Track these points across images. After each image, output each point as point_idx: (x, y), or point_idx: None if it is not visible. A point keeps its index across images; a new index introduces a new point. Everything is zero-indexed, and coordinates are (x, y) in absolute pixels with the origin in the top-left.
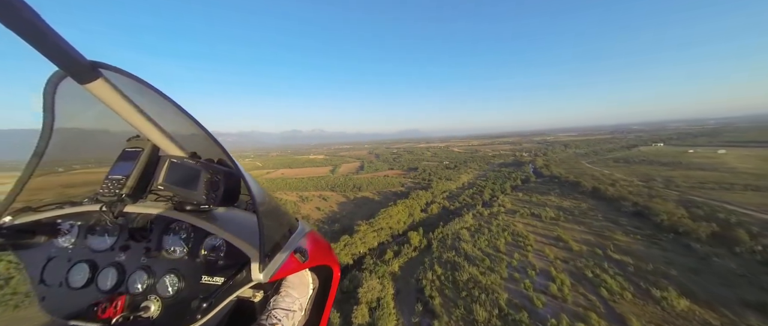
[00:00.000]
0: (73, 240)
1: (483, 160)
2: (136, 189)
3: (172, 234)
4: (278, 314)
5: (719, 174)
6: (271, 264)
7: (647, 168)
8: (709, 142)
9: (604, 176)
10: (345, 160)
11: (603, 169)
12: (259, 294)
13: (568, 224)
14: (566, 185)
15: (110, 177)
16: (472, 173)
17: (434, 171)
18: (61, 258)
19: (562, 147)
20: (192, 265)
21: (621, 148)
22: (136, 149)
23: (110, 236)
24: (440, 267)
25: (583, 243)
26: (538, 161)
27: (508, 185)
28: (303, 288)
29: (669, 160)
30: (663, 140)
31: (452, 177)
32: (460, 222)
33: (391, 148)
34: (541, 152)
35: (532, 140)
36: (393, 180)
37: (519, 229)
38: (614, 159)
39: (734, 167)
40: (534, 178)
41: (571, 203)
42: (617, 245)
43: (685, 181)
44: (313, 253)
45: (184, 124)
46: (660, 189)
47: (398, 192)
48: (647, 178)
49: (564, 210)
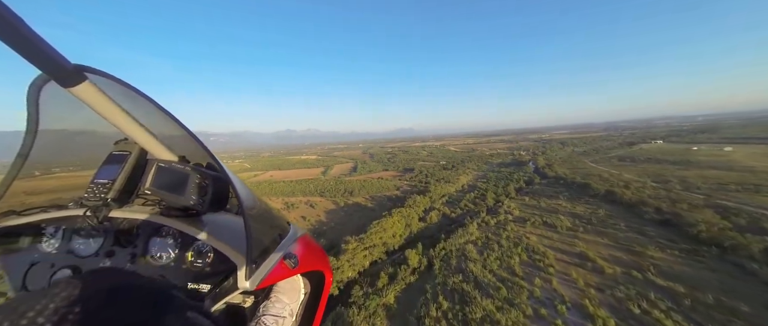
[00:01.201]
0: (57, 245)
1: (481, 159)
2: (123, 193)
3: (158, 240)
4: (268, 320)
5: (738, 174)
6: (259, 271)
7: (657, 168)
8: (708, 138)
9: (614, 177)
10: (338, 160)
11: (610, 169)
12: (250, 299)
13: (589, 235)
14: (574, 187)
15: (96, 181)
16: (471, 174)
17: (431, 172)
18: (45, 264)
19: (560, 145)
20: (179, 271)
21: (620, 145)
22: (123, 153)
23: (95, 241)
24: (446, 299)
25: (614, 263)
26: (540, 160)
27: (512, 188)
28: (294, 293)
29: (677, 159)
30: (661, 137)
31: (451, 179)
32: (464, 233)
33: (386, 147)
34: (539, 151)
35: (528, 138)
36: (388, 182)
37: (533, 243)
38: (618, 157)
39: (750, 166)
40: (538, 180)
41: (584, 209)
42: (656, 265)
43: (704, 182)
44: (304, 258)
45: (172, 127)
46: (680, 192)
47: (393, 197)
48: (661, 179)
49: (579, 217)
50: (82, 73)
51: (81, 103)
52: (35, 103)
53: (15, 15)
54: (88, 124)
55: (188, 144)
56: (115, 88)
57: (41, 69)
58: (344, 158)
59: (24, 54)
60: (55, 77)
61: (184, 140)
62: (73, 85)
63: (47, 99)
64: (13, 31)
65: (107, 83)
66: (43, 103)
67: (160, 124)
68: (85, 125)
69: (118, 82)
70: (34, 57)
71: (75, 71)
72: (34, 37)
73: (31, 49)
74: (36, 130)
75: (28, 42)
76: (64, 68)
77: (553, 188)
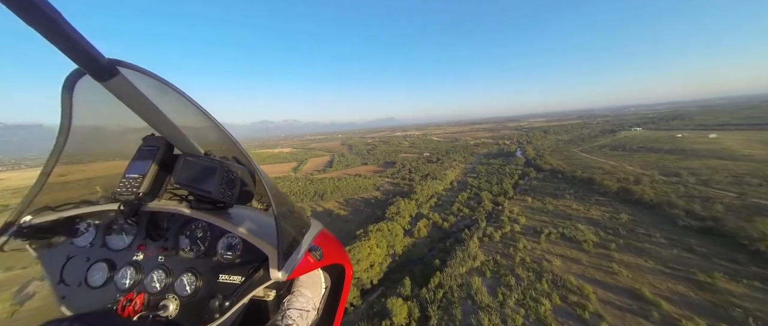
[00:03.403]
0: (92, 239)
1: (466, 149)
2: (153, 187)
3: (188, 233)
4: (293, 314)
5: (745, 164)
6: (289, 262)
7: (656, 158)
8: (684, 125)
9: (616, 169)
10: (314, 153)
11: (607, 160)
12: (272, 293)
13: (627, 256)
14: (577, 183)
15: (127, 175)
16: (459, 168)
17: (415, 166)
18: (80, 258)
19: (542, 133)
20: (209, 264)
21: (602, 133)
22: (152, 147)
23: (128, 235)
24: None
25: (683, 306)
26: (529, 151)
27: (508, 184)
28: (316, 287)
29: (671, 147)
30: (638, 125)
31: (437, 175)
32: (464, 256)
33: (366, 138)
34: (523, 140)
35: (508, 126)
36: (366, 181)
37: (559, 271)
38: (608, 146)
39: (748, 154)
40: (534, 174)
41: (600, 212)
42: (743, 307)
43: (714, 173)
44: (327, 252)
45: (200, 121)
46: (701, 188)
47: (373, 200)
48: (669, 172)
49: (600, 225)
50: (115, 67)
51: (112, 99)
52: (69, 98)
53: (54, 9)
54: (118, 119)
55: (216, 137)
56: (146, 82)
57: (78, 63)
58: (321, 151)
59: (63, 48)
60: (90, 71)
61: (211, 133)
62: (107, 79)
63: (81, 93)
64: (54, 25)
65: (138, 77)
66: (77, 98)
67: (188, 118)
68: (115, 120)
69: (150, 75)
70: (72, 51)
71: (109, 65)
72: (72, 31)
73: (70, 44)
74: (69, 126)
75: (67, 36)
76: (100, 62)
77: (554, 184)
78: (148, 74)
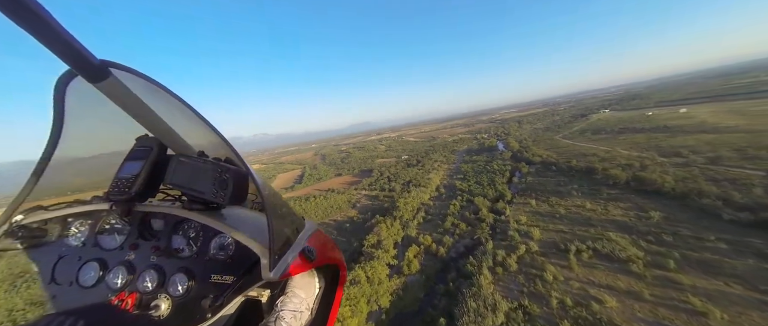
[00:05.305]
0: (83, 238)
1: (445, 147)
2: (145, 188)
3: (181, 233)
4: (286, 316)
5: (737, 135)
6: (281, 262)
7: (642, 138)
8: (646, 104)
9: (609, 154)
10: (284, 167)
11: (595, 145)
12: (266, 293)
13: (694, 277)
14: (576, 175)
15: (119, 176)
16: (442, 169)
17: (394, 172)
18: (72, 257)
19: (516, 124)
20: (201, 264)
21: (573, 118)
22: (145, 148)
23: (120, 235)
24: None
25: None
26: (512, 143)
27: (501, 184)
28: (310, 288)
29: (651, 126)
30: (604, 107)
31: (420, 181)
32: (478, 306)
33: (340, 145)
34: (500, 132)
35: (481, 120)
36: (339, 197)
37: (620, 317)
38: (590, 131)
39: (733, 125)
40: (526, 168)
41: (621, 210)
42: None
43: (718, 150)
44: (321, 252)
45: (193, 122)
46: (717, 168)
47: (347, 223)
48: (670, 152)
49: (632, 230)
50: (107, 68)
51: (104, 100)
52: (61, 98)
53: (45, 10)
54: (111, 120)
55: (208, 138)
56: (138, 83)
57: (70, 64)
58: (292, 164)
59: (54, 49)
60: (82, 72)
61: (204, 134)
62: (99, 80)
63: (72, 95)
64: (44, 26)
65: (131, 78)
66: (69, 99)
67: (181, 119)
68: (108, 121)
69: (142, 77)
70: (64, 52)
71: (101, 66)
72: (63, 32)
73: (63, 45)
74: (61, 126)
75: (58, 37)
76: (92, 63)
77: (551, 179)
78: (141, 75)
